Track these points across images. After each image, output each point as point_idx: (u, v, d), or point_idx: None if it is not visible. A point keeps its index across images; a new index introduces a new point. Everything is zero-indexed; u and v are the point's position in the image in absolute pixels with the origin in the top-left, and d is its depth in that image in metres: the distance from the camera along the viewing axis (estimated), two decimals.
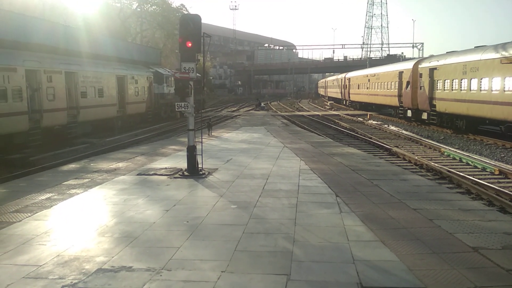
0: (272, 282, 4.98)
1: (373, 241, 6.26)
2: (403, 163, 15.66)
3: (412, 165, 15.17)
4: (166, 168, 12.28)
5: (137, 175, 11.41)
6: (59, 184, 10.33)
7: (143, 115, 32.89)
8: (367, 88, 43.91)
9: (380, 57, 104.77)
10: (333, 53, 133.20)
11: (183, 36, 10.69)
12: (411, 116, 30.99)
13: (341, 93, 58.42)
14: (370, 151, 18.17)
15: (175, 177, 11.00)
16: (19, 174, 13.74)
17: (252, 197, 8.88)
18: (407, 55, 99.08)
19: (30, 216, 7.67)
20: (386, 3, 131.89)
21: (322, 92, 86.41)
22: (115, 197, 9.01)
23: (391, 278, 5.07)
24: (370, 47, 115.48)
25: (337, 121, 33.23)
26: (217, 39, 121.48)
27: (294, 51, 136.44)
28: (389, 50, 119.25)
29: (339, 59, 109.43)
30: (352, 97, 51.97)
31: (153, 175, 11.35)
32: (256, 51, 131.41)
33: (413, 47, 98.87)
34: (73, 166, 13.25)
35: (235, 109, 53.26)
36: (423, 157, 16.25)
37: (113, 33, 44.64)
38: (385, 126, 29.13)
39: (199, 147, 11.55)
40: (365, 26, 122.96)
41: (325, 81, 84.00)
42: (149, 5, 57.16)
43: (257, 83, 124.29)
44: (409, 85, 30.88)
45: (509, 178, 13.06)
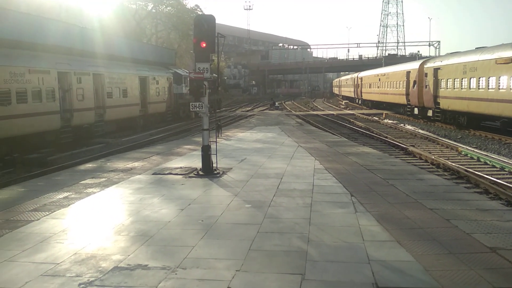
0: (286, 281, 4.97)
1: (389, 241, 6.20)
2: (419, 162, 15.48)
3: (428, 165, 14.99)
4: (181, 167, 12.36)
5: (153, 174, 11.51)
6: (76, 183, 10.48)
7: (163, 114, 34.13)
8: (378, 87, 45.66)
9: (396, 55, 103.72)
10: (348, 52, 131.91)
11: (197, 36, 10.73)
12: (417, 113, 32.36)
13: (354, 92, 59.92)
14: (385, 150, 18.01)
15: (190, 177, 11.06)
16: (37, 173, 13.99)
17: (266, 196, 8.88)
18: (423, 54, 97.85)
19: (48, 214, 7.79)
20: (401, 1, 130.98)
21: (336, 91, 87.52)
22: (131, 196, 9.10)
23: (407, 278, 5.02)
24: (385, 46, 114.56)
25: (352, 120, 33.01)
26: (231, 39, 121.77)
27: (308, 50, 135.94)
28: (405, 48, 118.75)
29: (354, 58, 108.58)
30: (364, 96, 53.72)
31: (168, 174, 11.43)
32: (270, 51, 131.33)
33: (429, 45, 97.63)
34: (89, 165, 13.42)
35: (249, 108, 53.29)
36: (440, 157, 16.04)
37: (128, 34, 45.07)
38: (401, 125, 28.86)
39: (213, 146, 11.59)
40: (381, 24, 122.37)
41: (339, 80, 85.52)
42: (164, 6, 57.47)
43: (271, 82, 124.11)
44: (416, 84, 32.48)
45: None
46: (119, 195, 9.27)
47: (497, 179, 12.06)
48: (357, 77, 57.38)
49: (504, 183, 11.50)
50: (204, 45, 10.64)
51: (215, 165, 11.57)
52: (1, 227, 7.10)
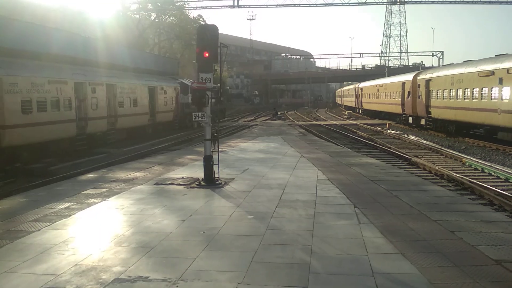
0: None
1: (393, 253, 6.13)
2: (423, 173, 15.39)
3: (432, 176, 14.90)
4: (183, 177, 12.32)
5: (154, 184, 11.47)
6: (77, 193, 10.44)
7: (171, 123, 35.17)
8: (377, 97, 47.88)
9: (399, 66, 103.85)
10: (351, 62, 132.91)
11: (200, 46, 10.75)
12: (412, 122, 34.49)
13: (355, 102, 61.92)
14: (389, 161, 17.93)
15: (191, 187, 11.01)
16: (38, 183, 13.94)
17: (269, 207, 8.81)
18: (427, 64, 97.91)
19: (49, 225, 7.74)
20: (404, 12, 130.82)
21: (339, 101, 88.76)
22: (132, 207, 9.05)
23: None
24: (388, 56, 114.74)
25: (355, 130, 32.98)
26: (234, 49, 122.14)
27: (311, 60, 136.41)
28: (408, 58, 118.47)
29: (357, 68, 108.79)
30: (364, 106, 55.43)
31: (170, 184, 11.39)
32: (273, 61, 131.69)
33: (432, 55, 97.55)
34: (91, 175, 13.39)
35: (252, 118, 53.33)
36: (444, 167, 15.95)
37: (131, 44, 45.32)
38: (405, 135, 28.82)
39: (215, 156, 11.55)
40: (383, 34, 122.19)
41: (341, 90, 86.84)
42: (167, 16, 57.94)
43: (274, 92, 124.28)
44: (410, 95, 34.57)
45: None
46: (120, 205, 9.22)
47: (502, 190, 11.97)
48: (357, 87, 59.41)
49: (508, 194, 11.41)
50: (207, 55, 10.66)
51: (217, 176, 11.51)
52: (2, 237, 7.06)
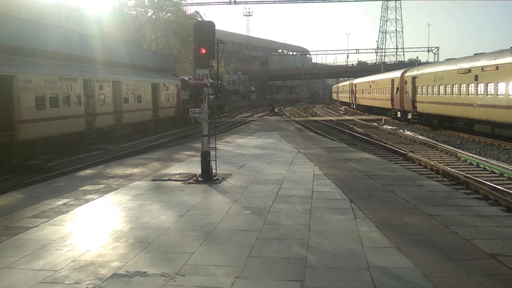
0: None
1: (388, 248, 6.19)
2: (418, 168, 15.47)
3: (428, 171, 14.98)
4: (180, 173, 12.35)
5: (152, 180, 11.50)
6: (75, 189, 10.46)
7: (172, 119, 36.29)
8: (369, 93, 50.26)
9: (394, 62, 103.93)
10: (347, 58, 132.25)
11: (197, 42, 10.76)
12: (400, 116, 36.62)
13: (350, 97, 64.66)
14: (385, 156, 18.01)
15: (189, 183, 11.05)
16: (36, 179, 13.96)
17: (266, 202, 8.87)
18: (422, 60, 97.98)
19: (47, 221, 7.78)
20: (400, 8, 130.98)
21: (335, 97, 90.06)
22: (130, 203, 9.09)
23: (406, 285, 5.01)
24: (384, 52, 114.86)
25: (351, 126, 33.04)
26: (231, 45, 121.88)
27: (308, 56, 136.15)
28: (403, 54, 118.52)
29: (353, 64, 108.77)
30: (358, 101, 58.08)
31: (167, 180, 11.43)
32: (270, 57, 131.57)
33: (428, 51, 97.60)
34: (89, 171, 13.41)
35: (249, 114, 53.36)
36: (439, 162, 16.05)
37: (128, 40, 45.18)
38: (400, 131, 28.91)
39: (213, 152, 11.59)
40: (380, 30, 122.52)
41: (337, 86, 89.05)
42: (164, 13, 57.67)
43: (271, 88, 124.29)
44: (398, 91, 36.70)
45: None
46: (118, 201, 9.26)
47: (497, 185, 12.06)
48: (352, 83, 61.92)
49: (503, 189, 11.50)
50: (204, 51, 10.67)
51: (214, 171, 11.56)
52: (0, 233, 7.08)
